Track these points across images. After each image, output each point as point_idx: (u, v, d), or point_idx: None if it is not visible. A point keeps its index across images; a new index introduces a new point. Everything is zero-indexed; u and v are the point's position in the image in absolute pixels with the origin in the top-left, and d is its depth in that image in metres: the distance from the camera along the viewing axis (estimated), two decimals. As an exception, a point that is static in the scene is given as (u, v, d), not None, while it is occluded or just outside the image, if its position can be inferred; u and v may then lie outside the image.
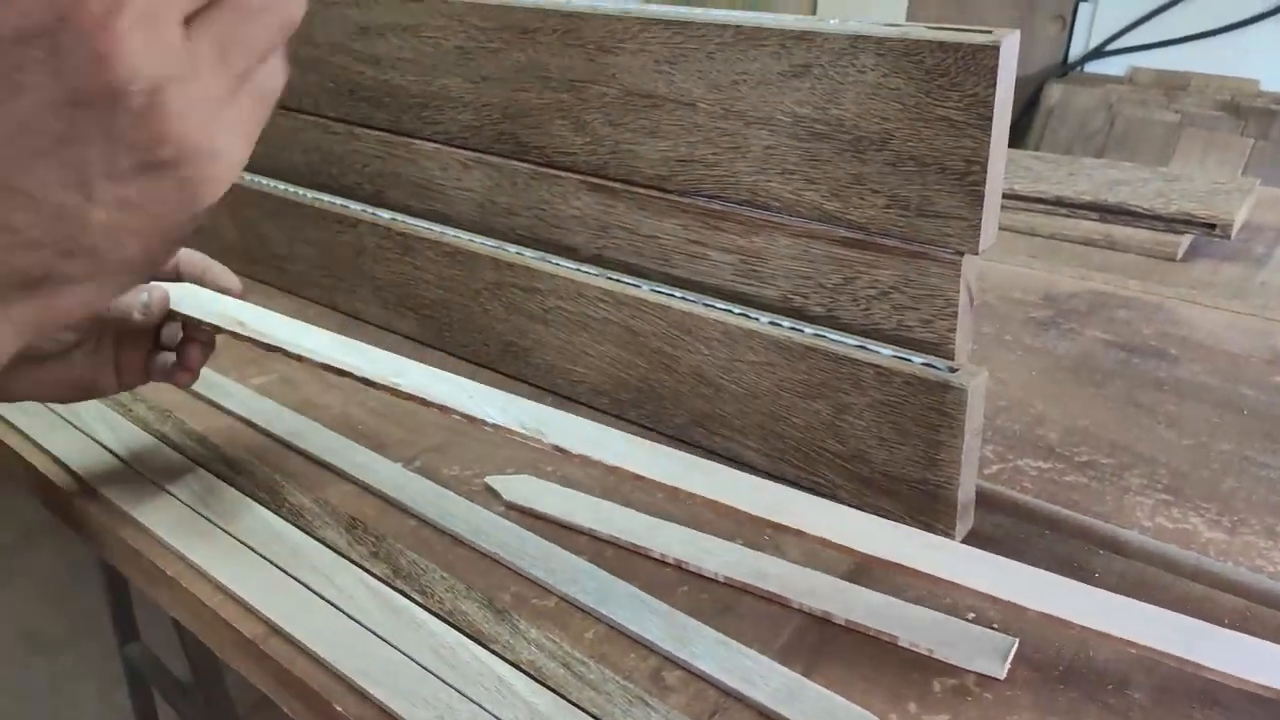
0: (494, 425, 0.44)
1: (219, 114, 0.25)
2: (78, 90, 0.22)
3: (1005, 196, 0.40)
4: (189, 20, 0.23)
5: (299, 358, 0.49)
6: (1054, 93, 2.18)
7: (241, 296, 0.53)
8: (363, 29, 0.64)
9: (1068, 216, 0.91)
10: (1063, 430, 0.61)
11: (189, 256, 0.53)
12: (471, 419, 0.45)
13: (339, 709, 0.41)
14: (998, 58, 0.39)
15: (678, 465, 0.43)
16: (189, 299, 0.51)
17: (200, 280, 0.52)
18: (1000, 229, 0.47)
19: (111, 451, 0.57)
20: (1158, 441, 0.60)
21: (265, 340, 0.49)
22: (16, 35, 0.21)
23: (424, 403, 0.46)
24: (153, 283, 0.50)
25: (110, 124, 0.23)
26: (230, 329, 0.50)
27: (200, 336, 0.52)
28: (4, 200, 0.23)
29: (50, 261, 0.24)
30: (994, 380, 0.65)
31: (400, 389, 0.46)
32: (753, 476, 0.43)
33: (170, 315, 0.50)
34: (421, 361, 0.48)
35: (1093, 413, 0.63)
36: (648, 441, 0.44)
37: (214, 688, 0.94)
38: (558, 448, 0.43)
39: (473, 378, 0.47)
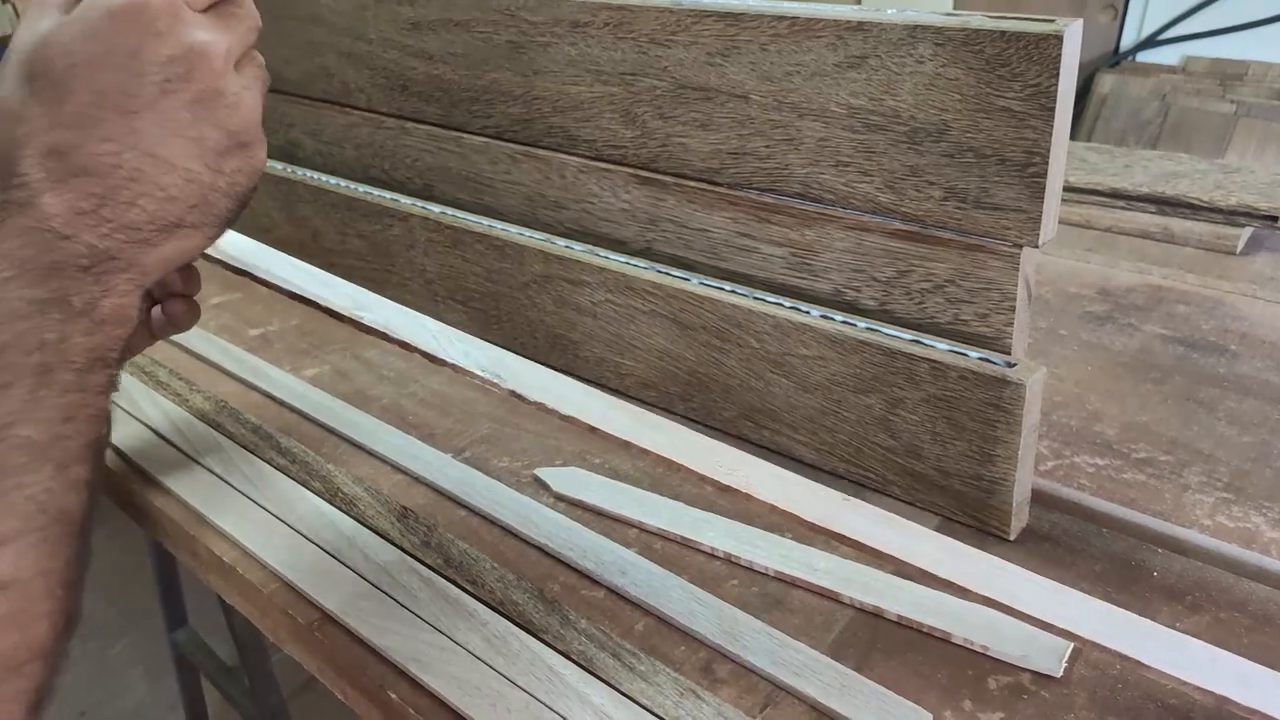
0: (454, 366, 0.46)
1: (260, 110, 0.39)
2: (200, 93, 0.36)
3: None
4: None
5: (265, 283, 0.50)
6: (1106, 83, 2.13)
7: None
8: (414, 25, 0.65)
9: (1124, 209, 0.89)
10: (1120, 426, 0.60)
11: None
12: (434, 359, 0.47)
13: (392, 696, 0.41)
14: (1061, 47, 0.38)
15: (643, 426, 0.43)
16: None
17: None
18: (1058, 221, 0.46)
19: (166, 439, 0.58)
20: (1218, 438, 0.58)
21: (233, 263, 0.50)
22: (169, 59, 0.35)
23: (386, 338, 0.47)
24: None
25: (216, 115, 0.37)
26: None
27: None
28: (158, 167, 0.35)
29: (182, 213, 0.36)
30: (1050, 375, 0.64)
31: (364, 322, 0.47)
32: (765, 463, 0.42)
33: None
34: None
35: (1151, 409, 0.62)
36: (625, 403, 0.44)
37: (260, 671, 0.96)
38: (514, 393, 0.45)
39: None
